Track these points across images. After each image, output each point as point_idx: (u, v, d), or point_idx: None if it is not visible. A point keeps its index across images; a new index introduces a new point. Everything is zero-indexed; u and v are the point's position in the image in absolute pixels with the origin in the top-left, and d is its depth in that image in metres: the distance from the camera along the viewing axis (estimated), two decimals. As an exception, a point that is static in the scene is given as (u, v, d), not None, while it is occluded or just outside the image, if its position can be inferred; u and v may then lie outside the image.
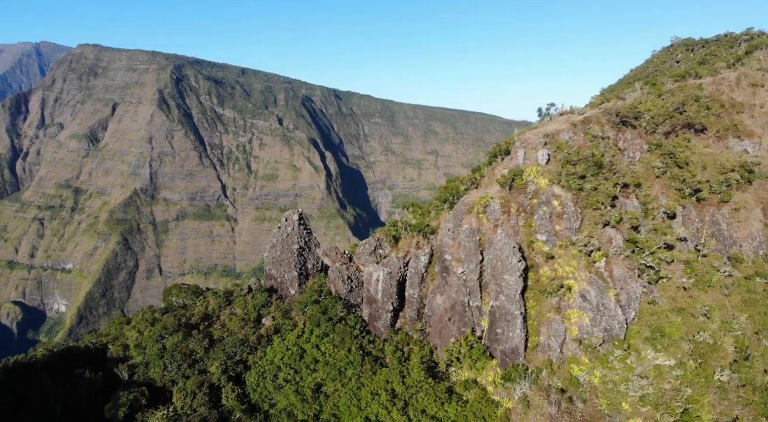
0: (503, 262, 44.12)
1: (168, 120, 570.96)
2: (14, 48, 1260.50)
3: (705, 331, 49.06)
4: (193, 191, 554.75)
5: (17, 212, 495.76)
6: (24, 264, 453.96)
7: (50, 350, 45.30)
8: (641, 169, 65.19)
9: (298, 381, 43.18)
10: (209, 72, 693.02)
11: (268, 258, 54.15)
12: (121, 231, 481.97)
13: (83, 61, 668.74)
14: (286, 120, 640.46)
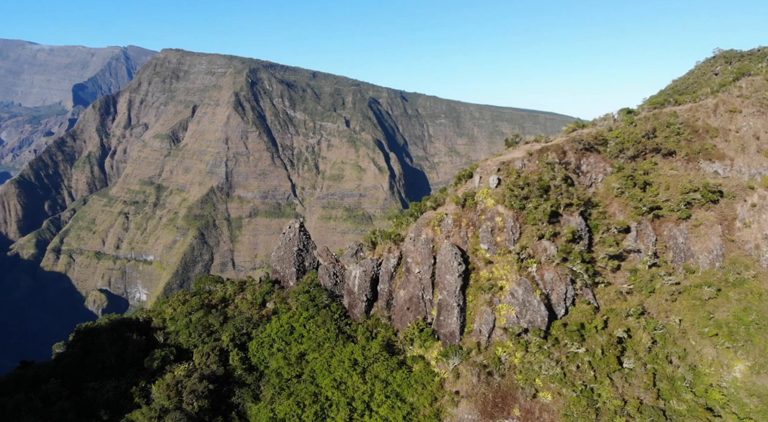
0: (446, 265, 56.32)
1: (243, 122, 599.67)
2: (104, 52, 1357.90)
3: (621, 328, 58.95)
4: (265, 190, 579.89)
5: (105, 206, 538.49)
6: (110, 255, 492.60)
7: (111, 320, 62.44)
8: (602, 189, 74.75)
9: (287, 350, 57.42)
10: (282, 75, 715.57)
11: (274, 257, 69.15)
12: (198, 227, 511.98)
13: (167, 65, 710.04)
14: (353, 122, 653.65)
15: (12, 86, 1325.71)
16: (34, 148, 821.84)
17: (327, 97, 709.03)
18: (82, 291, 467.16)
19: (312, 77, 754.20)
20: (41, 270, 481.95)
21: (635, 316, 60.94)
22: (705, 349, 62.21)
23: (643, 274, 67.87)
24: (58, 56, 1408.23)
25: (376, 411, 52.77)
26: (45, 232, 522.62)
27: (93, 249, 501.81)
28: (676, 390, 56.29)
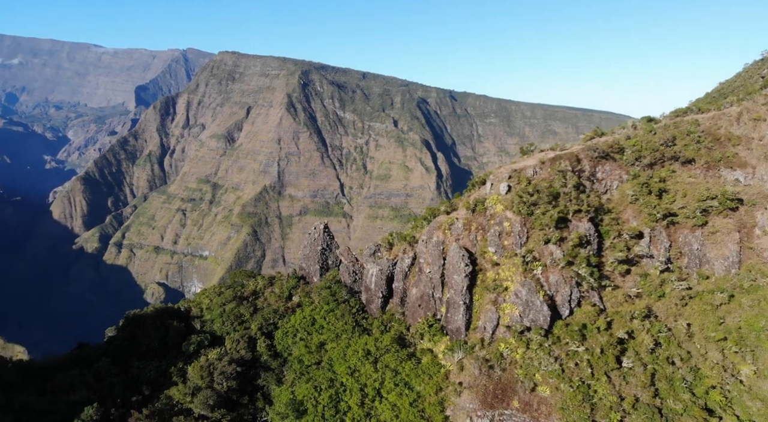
0: (454, 266, 60.83)
1: (295, 122, 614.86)
2: (165, 54, 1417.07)
3: (624, 329, 61.70)
4: (314, 189, 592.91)
5: (164, 203, 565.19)
6: (168, 250, 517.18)
7: (156, 308, 70.35)
8: (617, 196, 77.03)
9: (308, 339, 63.35)
10: (333, 77, 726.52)
11: (301, 255, 75.39)
12: (251, 224, 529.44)
13: (223, 67, 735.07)
14: (401, 122, 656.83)
15: (78, 87, 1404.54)
16: (99, 146, 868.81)
17: (376, 97, 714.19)
18: (141, 284, 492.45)
19: (362, 78, 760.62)
20: (104, 263, 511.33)
21: (639, 318, 63.47)
22: (710, 353, 64.03)
23: (654, 279, 69.97)
24: (121, 59, 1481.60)
25: (386, 397, 58.05)
26: (108, 227, 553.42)
27: (152, 244, 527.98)
28: (674, 389, 58.72)
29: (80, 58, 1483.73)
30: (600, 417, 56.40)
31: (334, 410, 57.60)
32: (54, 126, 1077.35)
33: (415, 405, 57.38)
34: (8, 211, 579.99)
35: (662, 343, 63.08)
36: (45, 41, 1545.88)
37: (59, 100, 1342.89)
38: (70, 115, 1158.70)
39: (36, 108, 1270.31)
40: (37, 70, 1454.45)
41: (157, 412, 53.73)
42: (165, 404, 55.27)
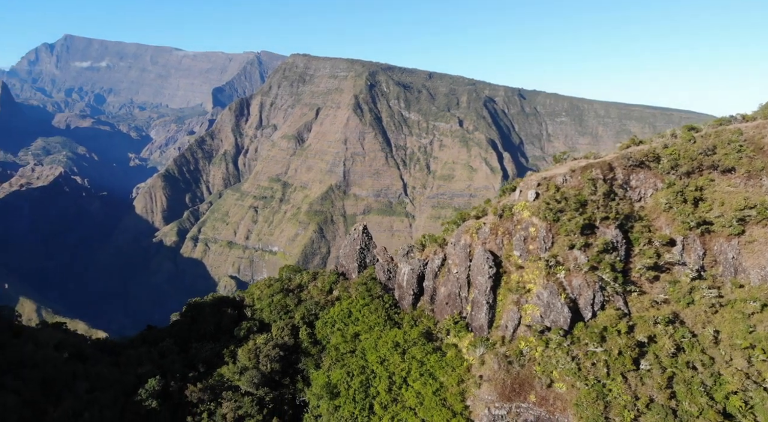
0: (479, 268, 65.27)
1: (361, 123, 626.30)
2: (240, 57, 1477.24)
3: (646, 333, 63.80)
4: (378, 189, 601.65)
5: (237, 200, 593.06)
6: (240, 245, 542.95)
7: (214, 297, 79.12)
8: (651, 204, 78.36)
9: (344, 330, 69.66)
10: (399, 77, 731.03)
11: (341, 253, 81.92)
12: (317, 222, 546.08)
13: (294, 70, 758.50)
14: (467, 121, 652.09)
15: (161, 89, 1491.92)
16: (179, 145, 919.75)
17: (441, 97, 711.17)
18: (215, 277, 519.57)
19: (428, 78, 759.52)
20: (181, 256, 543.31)
21: (663, 323, 65.30)
22: (735, 360, 64.92)
23: (683, 286, 71.18)
24: (200, 61, 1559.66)
25: (411, 385, 63.48)
26: (185, 222, 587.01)
27: (225, 239, 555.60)
28: (691, 393, 60.44)
29: (162, 61, 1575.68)
30: (614, 415, 59.25)
31: (364, 394, 63.76)
32: (138, 125, 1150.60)
33: (438, 394, 62.45)
34: (96, 205, 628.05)
35: (685, 348, 64.65)
36: (130, 45, 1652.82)
37: (143, 101, 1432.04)
38: (152, 115, 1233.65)
39: (122, 108, 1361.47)
40: (123, 72, 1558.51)
41: (209, 387, 61.92)
42: (217, 380, 63.44)
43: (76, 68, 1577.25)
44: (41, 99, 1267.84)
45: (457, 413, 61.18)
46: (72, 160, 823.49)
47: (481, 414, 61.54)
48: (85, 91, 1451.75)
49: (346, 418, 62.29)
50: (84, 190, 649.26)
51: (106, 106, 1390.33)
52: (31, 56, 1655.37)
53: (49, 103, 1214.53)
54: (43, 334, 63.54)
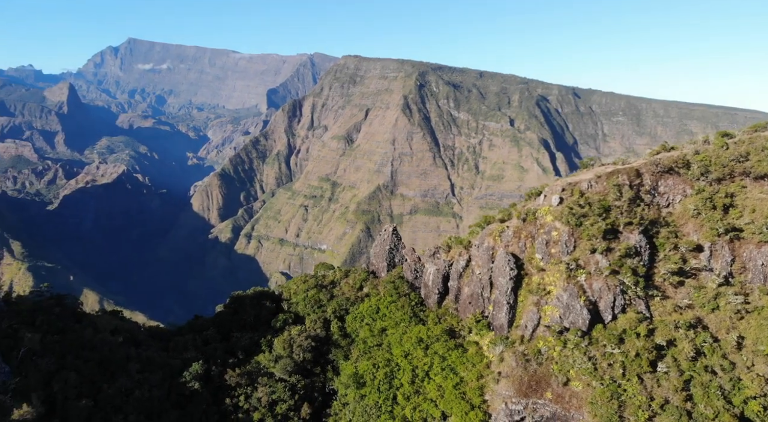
0: (500, 269, 68.19)
1: (409, 123, 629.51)
2: (294, 59, 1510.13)
3: (666, 337, 64.98)
4: (425, 189, 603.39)
5: (289, 199, 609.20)
6: (291, 242, 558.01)
7: (255, 291, 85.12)
8: (679, 210, 78.77)
9: (372, 325, 73.88)
10: (449, 77, 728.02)
11: (372, 252, 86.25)
12: (364, 221, 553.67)
13: (345, 71, 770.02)
14: (518, 121, 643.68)
15: (218, 90, 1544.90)
16: (234, 145, 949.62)
17: (492, 96, 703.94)
18: (266, 273, 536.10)
19: (478, 77, 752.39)
20: (235, 252, 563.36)
21: (684, 328, 66.24)
22: (757, 366, 65.14)
23: (709, 292, 71.59)
24: (255, 63, 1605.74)
25: (433, 378, 67.18)
26: (239, 219, 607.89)
27: (277, 237, 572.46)
28: (708, 396, 61.34)
29: (220, 63, 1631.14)
30: (628, 414, 61.00)
31: (388, 385, 67.97)
32: (196, 126, 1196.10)
33: (457, 388, 65.90)
34: (155, 202, 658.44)
35: (705, 353, 65.41)
36: (190, 48, 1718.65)
37: (201, 102, 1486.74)
38: (210, 116, 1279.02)
39: (181, 109, 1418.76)
40: (183, 74, 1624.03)
41: (246, 372, 67.67)
42: (254, 367, 69.13)
43: (139, 70, 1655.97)
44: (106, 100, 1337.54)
45: (475, 406, 64.42)
46: (134, 159, 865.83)
47: (499, 408, 64.53)
48: (147, 93, 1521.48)
49: (371, 407, 66.69)
50: (145, 188, 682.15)
51: (167, 107, 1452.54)
52: (97, 59, 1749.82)
53: (113, 104, 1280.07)
54: (101, 320, 71.03)
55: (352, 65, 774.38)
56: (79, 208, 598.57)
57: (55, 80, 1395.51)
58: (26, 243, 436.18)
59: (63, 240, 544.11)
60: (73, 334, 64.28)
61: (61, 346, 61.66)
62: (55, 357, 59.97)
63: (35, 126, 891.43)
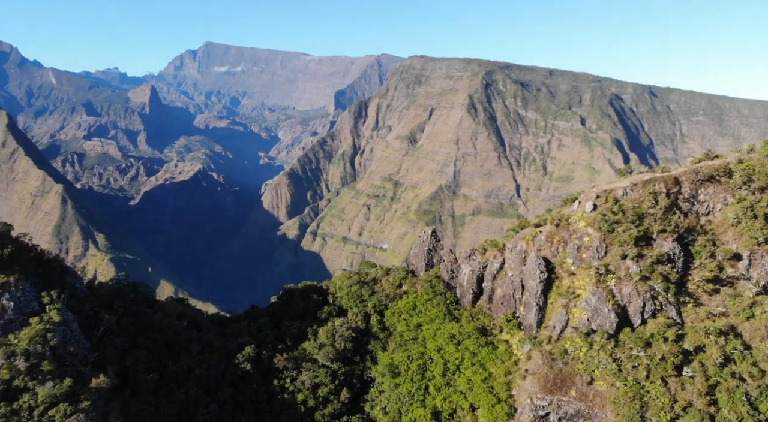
0: (530, 272, 71.41)
1: (474, 123, 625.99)
2: (361, 61, 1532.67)
3: (695, 343, 66.00)
4: (489, 189, 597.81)
5: (352, 198, 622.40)
6: (353, 241, 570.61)
7: (305, 285, 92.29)
8: (719, 218, 78.67)
9: (409, 320, 78.79)
10: (517, 75, 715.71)
11: (411, 253, 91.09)
12: (426, 221, 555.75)
13: (411, 71, 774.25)
14: (590, 120, 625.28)
15: (289, 92, 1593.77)
16: (303, 145, 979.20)
17: (562, 95, 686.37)
18: (330, 269, 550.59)
19: (548, 75, 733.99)
20: (301, 248, 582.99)
21: (714, 334, 67.04)
22: (790, 375, 65.11)
23: (745, 300, 71.56)
24: (324, 65, 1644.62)
25: (463, 372, 71.45)
26: (306, 217, 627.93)
27: (341, 235, 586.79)
28: (733, 401, 62.12)
29: (291, 66, 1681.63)
30: (650, 415, 62.92)
31: (420, 376, 72.98)
32: (268, 126, 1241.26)
33: (486, 382, 69.89)
34: (229, 199, 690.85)
35: (735, 360, 65.99)
36: (263, 51, 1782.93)
37: (272, 104, 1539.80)
38: (281, 117, 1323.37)
39: (254, 110, 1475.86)
40: (256, 76, 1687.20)
41: (293, 358, 74.74)
42: (300, 353, 76.13)
43: (215, 73, 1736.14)
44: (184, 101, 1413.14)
45: (501, 400, 68.23)
46: (209, 158, 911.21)
47: (524, 403, 67.97)
48: (222, 94, 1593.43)
49: (404, 395, 71.96)
50: (219, 186, 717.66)
51: (240, 108, 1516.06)
52: (177, 62, 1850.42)
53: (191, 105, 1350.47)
54: (169, 307, 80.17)
55: (418, 65, 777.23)
56: (158, 203, 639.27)
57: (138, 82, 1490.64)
58: (109, 235, 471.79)
59: (143, 233, 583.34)
60: (145, 317, 73.42)
61: (134, 327, 70.87)
62: (129, 336, 69.17)
63: (120, 125, 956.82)
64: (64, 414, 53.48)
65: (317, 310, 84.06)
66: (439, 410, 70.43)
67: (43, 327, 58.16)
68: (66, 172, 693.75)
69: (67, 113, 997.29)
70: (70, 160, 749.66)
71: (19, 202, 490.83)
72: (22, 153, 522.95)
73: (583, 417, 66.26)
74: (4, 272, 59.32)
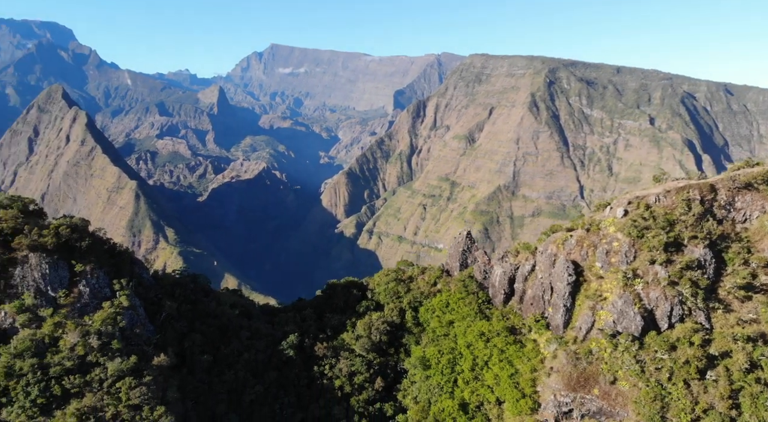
0: (559, 275, 74.03)
1: (536, 122, 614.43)
2: (421, 60, 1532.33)
3: (721, 349, 66.71)
4: (550, 190, 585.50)
5: (408, 198, 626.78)
6: (408, 240, 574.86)
7: (347, 281, 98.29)
8: (756, 225, 78.16)
9: (441, 317, 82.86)
10: (582, 73, 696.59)
11: (448, 253, 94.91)
12: (483, 222, 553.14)
13: (471, 70, 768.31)
14: (659, 119, 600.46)
15: (349, 93, 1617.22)
16: (361, 145, 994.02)
17: (630, 93, 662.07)
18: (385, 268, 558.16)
19: (615, 73, 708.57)
20: (357, 246, 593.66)
21: (742, 340, 67.47)
22: (820, 384, 64.75)
23: (778, 307, 71.27)
24: (384, 66, 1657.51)
25: (491, 367, 75.07)
26: (362, 216, 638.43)
27: (396, 234, 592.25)
28: (756, 406, 62.67)
29: (352, 67, 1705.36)
30: (671, 415, 64.56)
31: (450, 370, 77.23)
32: (328, 126, 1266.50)
33: (512, 378, 73.28)
34: (290, 197, 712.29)
35: (762, 366, 66.24)
36: (325, 52, 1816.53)
37: (334, 104, 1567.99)
38: (341, 117, 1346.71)
39: (316, 111, 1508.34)
40: (318, 77, 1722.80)
41: (332, 347, 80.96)
42: (339, 343, 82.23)
43: (279, 74, 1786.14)
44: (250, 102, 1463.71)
45: (526, 395, 71.50)
46: (273, 157, 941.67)
47: (548, 399, 70.90)
48: (286, 95, 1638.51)
49: (434, 386, 76.52)
50: (281, 184, 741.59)
51: (303, 109, 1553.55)
52: (243, 64, 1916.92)
53: (256, 106, 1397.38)
54: (223, 296, 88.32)
55: (479, 64, 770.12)
56: (224, 200, 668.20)
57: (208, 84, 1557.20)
58: (179, 230, 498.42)
59: (209, 228, 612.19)
60: (202, 305, 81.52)
61: (192, 314, 79.03)
62: (187, 321, 77.31)
63: (189, 125, 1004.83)
64: (129, 387, 61.27)
65: (356, 304, 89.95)
66: (466, 402, 74.52)
67: (114, 311, 66.42)
68: (139, 169, 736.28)
69: (141, 113, 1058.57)
70: (143, 158, 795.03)
71: (96, 197, 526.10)
72: (100, 151, 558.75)
73: (605, 414, 68.55)
74: (82, 262, 68.16)
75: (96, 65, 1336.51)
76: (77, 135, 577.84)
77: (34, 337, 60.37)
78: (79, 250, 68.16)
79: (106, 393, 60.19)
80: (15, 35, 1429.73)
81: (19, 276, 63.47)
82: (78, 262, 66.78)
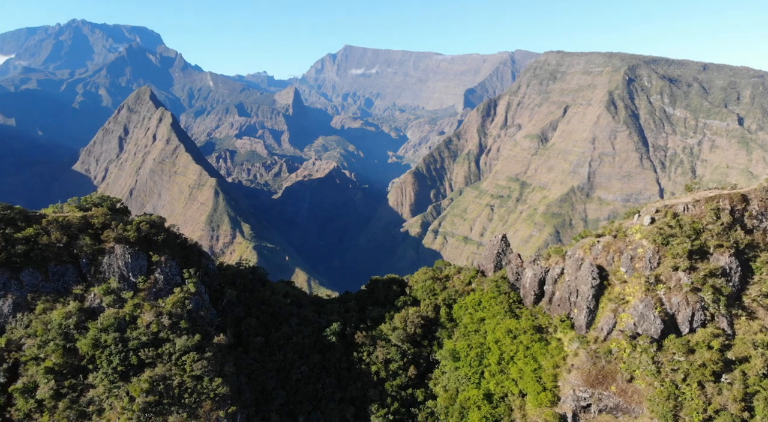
0: (583, 278, 77.80)
1: (614, 121, 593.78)
2: (494, 58, 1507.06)
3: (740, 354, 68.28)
4: (628, 193, 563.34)
5: (475, 198, 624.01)
6: (474, 241, 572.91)
7: (388, 277, 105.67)
8: (790, 234, 78.03)
9: (473, 314, 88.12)
10: (665, 70, 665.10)
11: (483, 255, 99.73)
12: (554, 224, 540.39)
13: (545, 67, 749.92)
14: (749, 119, 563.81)
15: (419, 92, 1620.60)
16: (429, 145, 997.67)
17: (717, 91, 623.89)
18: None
19: (701, 70, 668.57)
20: (422, 246, 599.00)
21: (762, 347, 68.71)
22: (841, 393, 65.14)
23: (804, 315, 71.61)
24: (455, 64, 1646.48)
25: (516, 362, 79.92)
26: (428, 215, 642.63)
27: (462, 234, 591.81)
28: (770, 411, 64.28)
29: (423, 66, 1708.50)
30: (684, 414, 67.17)
31: (478, 362, 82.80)
32: (397, 126, 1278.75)
33: (535, 373, 77.91)
34: (358, 195, 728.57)
35: (774, 369, 67.32)
36: (397, 52, 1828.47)
37: (403, 104, 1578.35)
38: (410, 117, 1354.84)
39: (386, 111, 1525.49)
40: (389, 78, 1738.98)
41: (371, 336, 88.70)
42: (377, 333, 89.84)
43: (352, 75, 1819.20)
44: (323, 103, 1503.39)
45: (547, 389, 76.01)
46: (343, 156, 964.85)
47: (567, 393, 75.00)
48: (357, 96, 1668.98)
49: (462, 377, 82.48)
50: (350, 183, 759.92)
51: (373, 109, 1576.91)
52: (318, 65, 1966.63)
53: (329, 107, 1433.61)
54: (278, 287, 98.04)
55: (554, 61, 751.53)
56: (297, 198, 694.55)
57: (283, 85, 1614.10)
58: (254, 226, 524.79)
59: (283, 225, 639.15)
60: (258, 294, 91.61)
61: (249, 301, 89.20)
62: (244, 307, 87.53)
63: (266, 125, 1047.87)
64: (192, 360, 71.43)
65: (395, 299, 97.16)
66: (491, 392, 79.98)
67: (183, 296, 76.96)
68: (219, 167, 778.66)
69: (221, 113, 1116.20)
70: (223, 157, 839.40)
71: (179, 193, 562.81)
72: (183, 149, 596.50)
73: (621, 410, 71.96)
74: (158, 253, 79.44)
75: (181, 68, 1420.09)
76: (163, 134, 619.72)
77: (117, 316, 71.68)
78: (156, 243, 79.42)
79: (174, 365, 70.43)
80: (108, 39, 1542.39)
81: (106, 264, 75.27)
82: (155, 253, 77.82)
